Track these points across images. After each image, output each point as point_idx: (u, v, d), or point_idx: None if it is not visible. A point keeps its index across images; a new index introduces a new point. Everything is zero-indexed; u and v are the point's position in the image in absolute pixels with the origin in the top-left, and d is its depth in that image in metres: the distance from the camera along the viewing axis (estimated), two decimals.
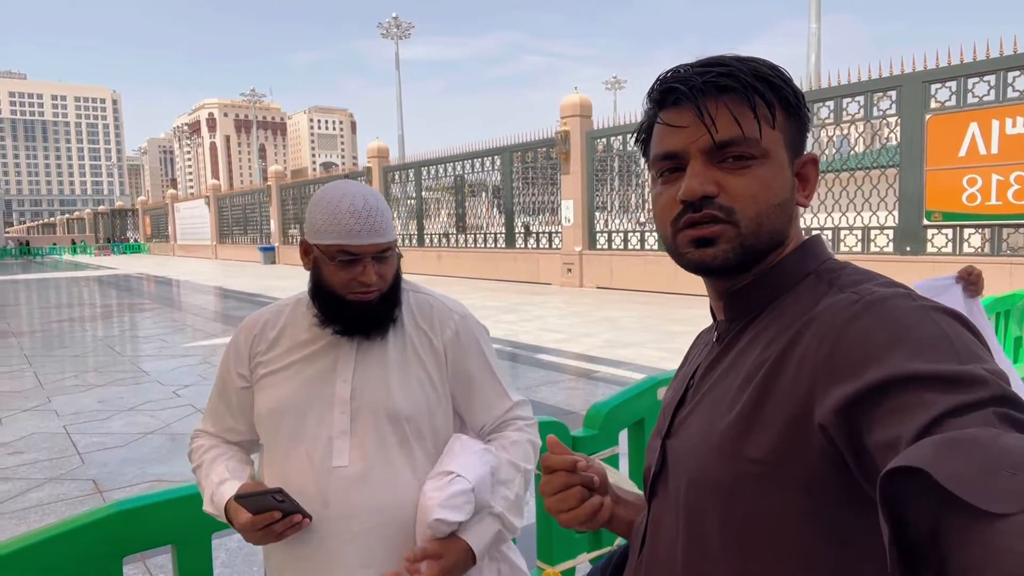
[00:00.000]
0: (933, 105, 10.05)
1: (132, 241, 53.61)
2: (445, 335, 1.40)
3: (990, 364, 0.55)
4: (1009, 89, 9.30)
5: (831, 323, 0.64)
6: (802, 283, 0.73)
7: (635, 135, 0.85)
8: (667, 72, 0.77)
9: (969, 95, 9.69)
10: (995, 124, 9.34)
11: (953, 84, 9.83)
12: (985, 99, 9.53)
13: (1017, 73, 9.23)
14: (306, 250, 1.34)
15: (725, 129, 0.71)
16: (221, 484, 1.28)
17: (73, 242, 58.52)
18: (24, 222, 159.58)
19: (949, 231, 10.02)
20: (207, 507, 1.30)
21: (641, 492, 0.99)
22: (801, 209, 0.79)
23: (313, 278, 1.33)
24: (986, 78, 9.52)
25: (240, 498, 1.20)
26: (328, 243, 1.27)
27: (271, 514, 1.18)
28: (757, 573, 0.69)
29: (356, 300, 1.29)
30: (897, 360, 0.56)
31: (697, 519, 0.73)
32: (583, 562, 2.24)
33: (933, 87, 10.04)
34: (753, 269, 0.76)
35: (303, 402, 1.31)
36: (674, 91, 0.74)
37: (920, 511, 0.43)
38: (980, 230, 9.80)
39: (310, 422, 1.30)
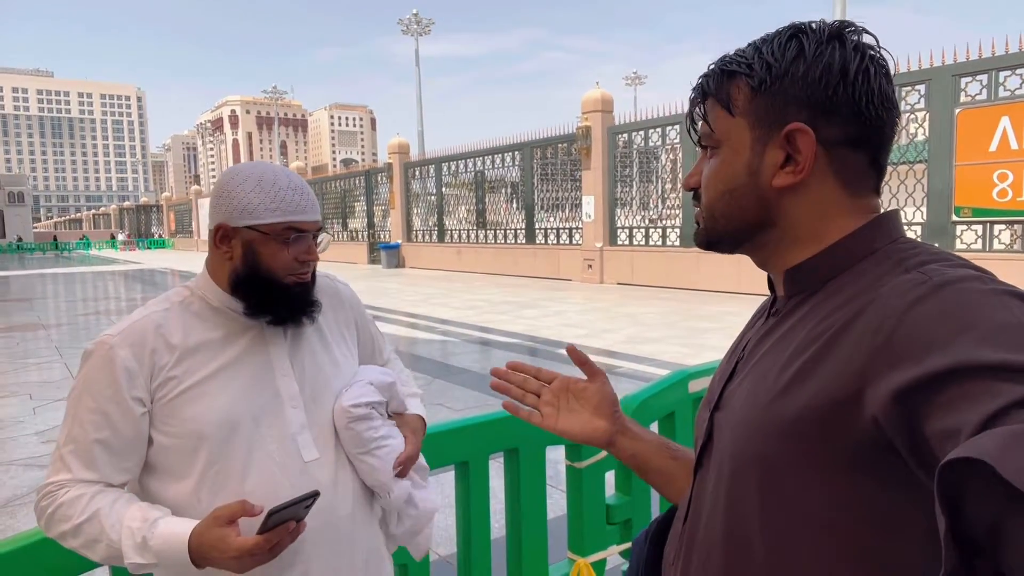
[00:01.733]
0: (963, 99, 9.87)
1: (157, 236, 54.37)
2: (352, 311, 1.45)
3: None
4: None
5: (894, 304, 0.61)
6: (866, 260, 0.71)
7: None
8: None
9: (1001, 88, 9.50)
10: None
11: (984, 77, 9.64)
12: (1017, 92, 9.33)
13: None
14: (227, 236, 1.21)
15: (699, 131, 0.80)
16: (154, 524, 1.08)
17: (113, 236, 58.99)
18: (51, 217, 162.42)
19: (979, 227, 9.84)
20: (134, 558, 1.07)
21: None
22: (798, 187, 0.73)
23: (245, 265, 1.21)
24: (1018, 71, 9.33)
25: (274, 513, 1.04)
26: (274, 221, 1.19)
27: (285, 527, 1.07)
28: (795, 550, 0.68)
29: (296, 282, 1.23)
30: (963, 347, 0.53)
31: (739, 493, 0.73)
32: (614, 554, 2.24)
33: (963, 80, 9.85)
34: (739, 246, 0.80)
35: (250, 407, 1.20)
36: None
37: (980, 504, 0.41)
38: (1011, 226, 9.61)
39: (264, 426, 1.21)
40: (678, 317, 10.21)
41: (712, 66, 0.78)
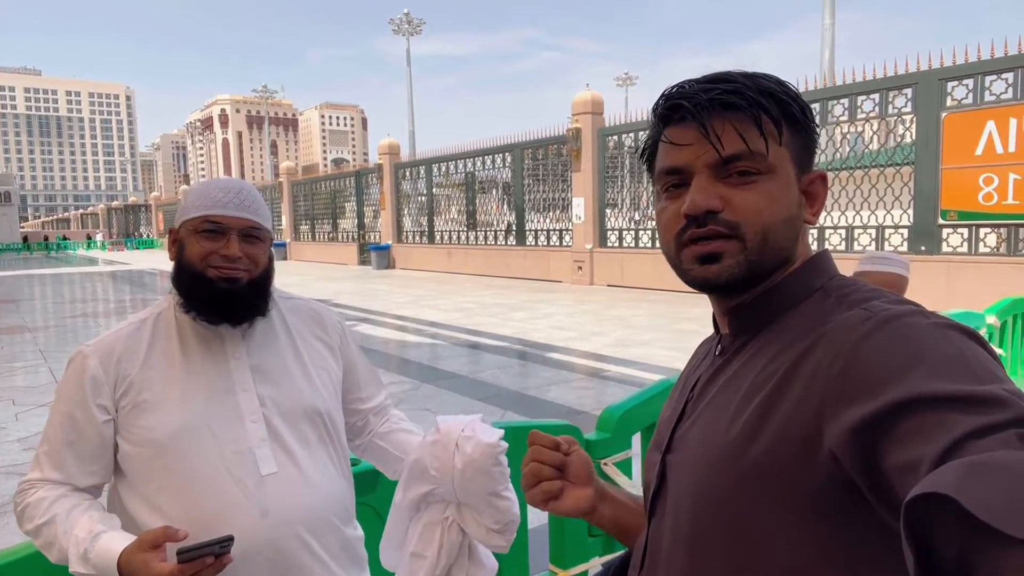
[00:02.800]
0: (949, 103, 9.93)
1: (145, 236, 54.01)
2: (336, 337, 1.46)
3: (1009, 384, 0.54)
4: None
5: (843, 340, 0.62)
6: (809, 299, 0.73)
7: (639, 150, 0.86)
8: (672, 88, 0.77)
9: (987, 93, 9.56)
10: (1013, 122, 9.21)
11: (970, 82, 9.71)
12: (1003, 97, 9.40)
13: None
14: (173, 238, 1.30)
15: (730, 145, 0.71)
16: (96, 537, 1.12)
17: (89, 237, 58.21)
18: (39, 216, 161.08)
19: (964, 230, 9.91)
20: (77, 567, 1.12)
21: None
22: (808, 227, 0.79)
23: (176, 260, 1.28)
24: (1004, 76, 9.39)
25: (185, 551, 1.05)
26: (194, 216, 1.25)
27: (203, 560, 1.07)
28: None
29: (219, 276, 1.24)
30: (914, 380, 0.55)
31: (699, 539, 0.72)
32: (595, 566, 2.23)
33: (950, 84, 9.91)
34: (759, 286, 0.75)
35: (207, 419, 1.23)
36: (679, 108, 0.74)
37: (945, 538, 0.42)
38: (996, 230, 9.69)
39: (222, 439, 1.23)
40: (666, 320, 10.23)
41: (747, 82, 0.72)
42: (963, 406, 0.51)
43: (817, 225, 5.61)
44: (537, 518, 2.34)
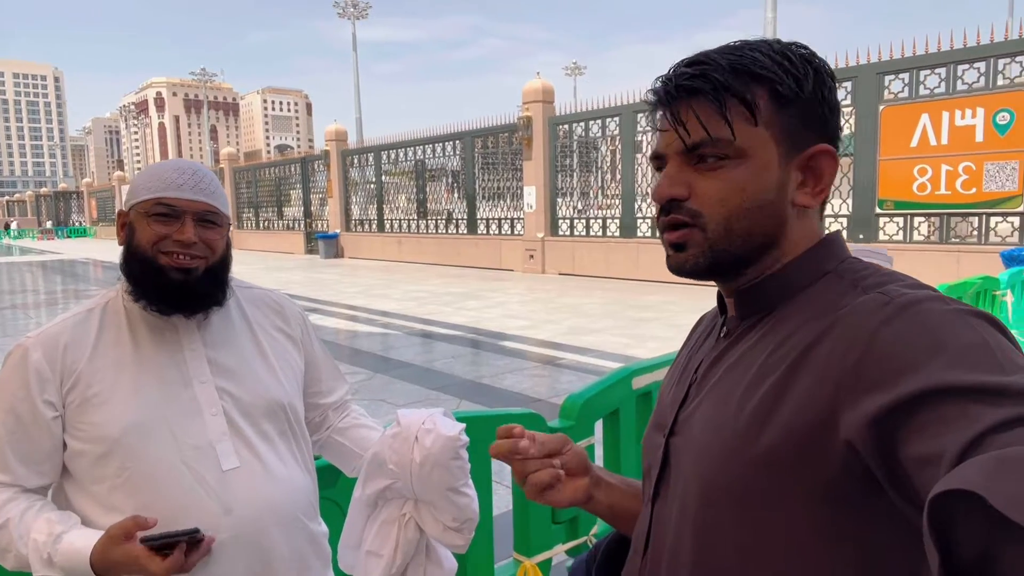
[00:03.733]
0: (887, 96, 10.31)
1: (77, 225, 51.64)
2: (297, 328, 1.42)
3: None
4: (959, 82, 9.58)
5: (860, 326, 0.61)
6: (820, 282, 0.71)
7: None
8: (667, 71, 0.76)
9: (921, 87, 9.96)
10: (945, 116, 9.63)
11: (906, 76, 10.09)
12: (936, 91, 9.81)
13: (966, 67, 9.51)
14: (122, 222, 1.22)
15: (693, 132, 0.70)
16: (58, 539, 1.07)
17: (7, 226, 54.46)
18: None
19: (900, 219, 10.33)
20: (41, 572, 1.07)
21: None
22: (808, 208, 0.73)
23: (125, 245, 1.20)
24: (937, 71, 9.79)
25: (150, 539, 1.03)
26: (146, 198, 1.17)
27: (181, 545, 1.05)
28: None
29: (171, 265, 1.17)
30: (935, 370, 0.53)
31: (707, 527, 0.71)
32: (559, 553, 2.23)
33: (887, 78, 10.29)
34: (745, 271, 0.73)
35: (163, 414, 1.17)
36: (655, 93, 0.74)
37: (969, 535, 0.41)
38: (929, 219, 10.13)
39: (179, 433, 1.17)
40: (619, 307, 10.35)
41: (722, 61, 0.69)
42: (987, 397, 0.50)
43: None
44: (503, 504, 2.33)
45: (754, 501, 0.66)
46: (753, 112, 0.69)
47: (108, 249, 32.69)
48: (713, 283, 0.79)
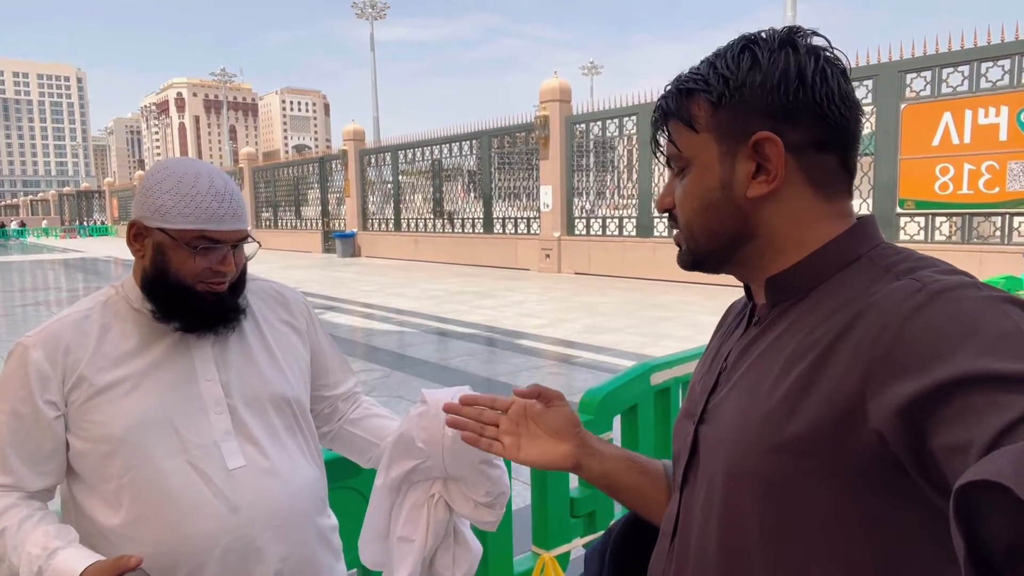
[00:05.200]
0: (908, 94, 10.18)
1: (99, 223, 52.34)
2: (302, 320, 1.39)
3: None
4: (982, 80, 9.45)
5: (891, 313, 0.60)
6: (851, 267, 0.70)
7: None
8: None
9: (943, 85, 9.83)
10: (968, 114, 9.49)
11: (928, 74, 9.96)
12: (959, 89, 9.67)
13: (990, 64, 9.37)
14: (140, 234, 1.17)
15: (664, 154, 0.81)
16: (52, 555, 1.04)
17: (2, 225, 52.81)
18: None
19: (921, 219, 10.20)
20: None
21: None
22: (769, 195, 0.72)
23: (154, 267, 1.16)
24: (960, 68, 9.66)
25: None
26: (184, 228, 1.12)
27: None
28: (796, 572, 0.67)
29: (207, 291, 1.17)
30: (967, 357, 0.52)
31: (734, 512, 0.71)
32: (578, 546, 2.24)
33: (908, 77, 10.16)
34: (728, 264, 0.78)
35: (168, 412, 1.16)
36: None
37: (997, 526, 0.40)
38: (951, 218, 9.99)
39: (184, 432, 1.16)
40: (636, 307, 10.32)
41: (669, 87, 0.78)
42: (1019, 386, 0.49)
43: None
44: (520, 500, 2.35)
45: (781, 488, 0.66)
46: (692, 124, 0.75)
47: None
48: (733, 279, 0.83)
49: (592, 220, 15.39)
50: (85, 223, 53.80)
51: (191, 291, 1.16)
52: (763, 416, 0.68)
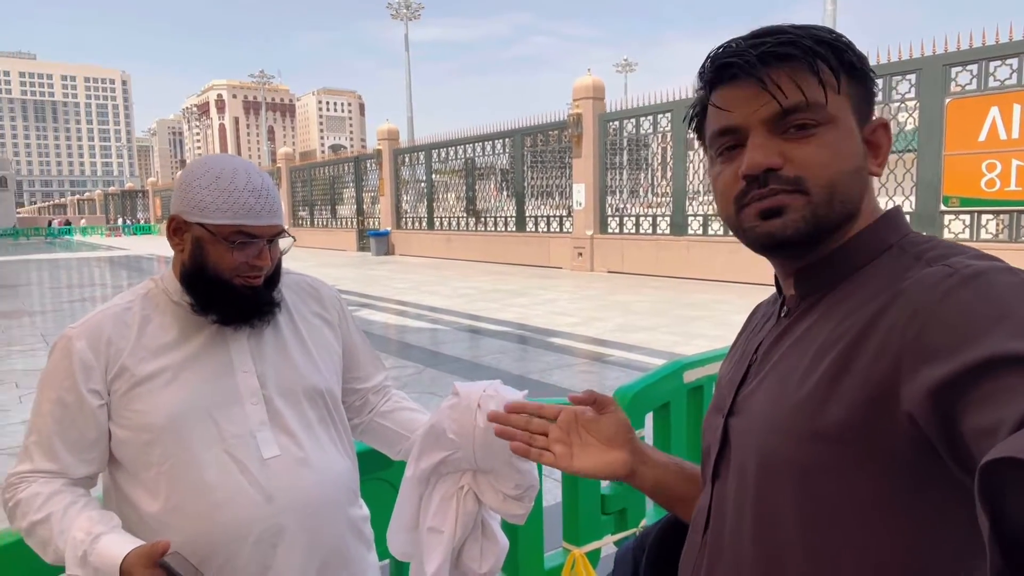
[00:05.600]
0: (953, 88, 9.89)
1: (143, 222, 53.78)
2: (335, 313, 1.41)
3: None
4: None
5: (923, 298, 0.60)
6: (882, 256, 0.70)
7: (687, 116, 0.83)
8: (718, 49, 0.74)
9: (990, 79, 9.53)
10: (1016, 108, 9.18)
11: (974, 67, 9.66)
12: (1007, 83, 9.36)
13: None
14: (179, 228, 1.20)
15: (790, 95, 0.68)
16: (96, 539, 1.07)
17: (49, 223, 55.36)
18: (35, 203, 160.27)
19: (967, 216, 9.90)
20: (75, 570, 1.07)
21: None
22: (875, 180, 0.75)
23: (192, 261, 1.19)
24: (1008, 61, 9.35)
25: (167, 562, 1.03)
26: (222, 223, 1.15)
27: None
28: (833, 558, 0.66)
29: (243, 284, 1.20)
30: (998, 339, 0.52)
31: (768, 501, 0.71)
32: (608, 543, 2.23)
33: (953, 70, 9.87)
34: (823, 243, 0.72)
35: (206, 403, 1.19)
36: (729, 66, 0.71)
37: (1021, 503, 0.40)
38: (998, 216, 9.69)
39: (221, 422, 1.19)
40: (668, 305, 10.23)
41: (801, 32, 0.70)
42: None
43: None
44: (551, 498, 2.35)
45: (816, 475, 0.66)
46: (838, 80, 0.69)
47: None
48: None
49: (625, 218, 15.29)
50: (129, 222, 55.34)
51: (228, 284, 1.19)
52: (796, 404, 0.67)
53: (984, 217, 9.78)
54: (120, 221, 56.11)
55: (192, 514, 1.16)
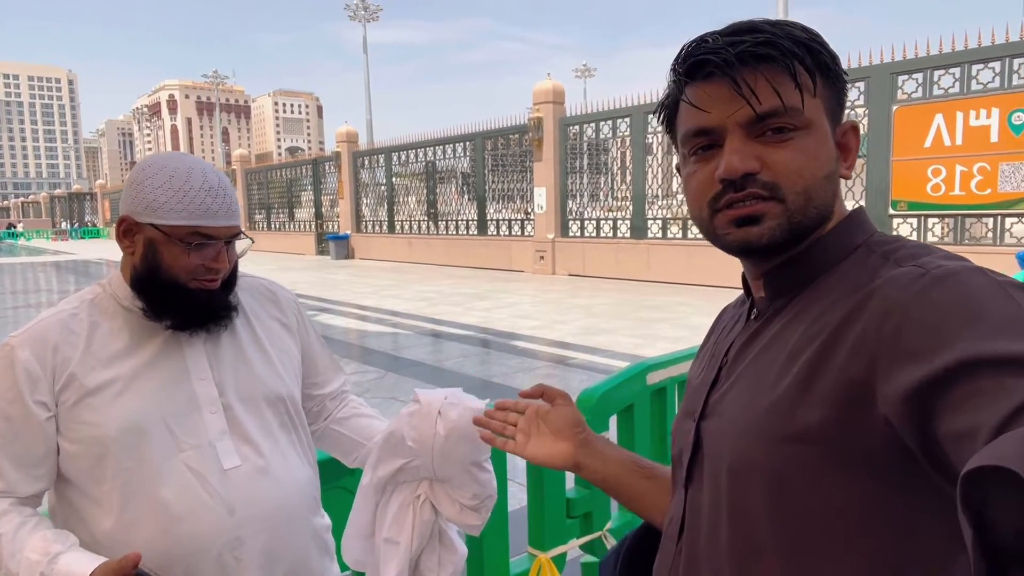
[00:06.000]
0: (900, 96, 10.24)
1: (91, 226, 52.05)
2: (292, 317, 1.38)
3: None
4: (973, 82, 9.50)
5: (896, 298, 0.60)
6: (851, 257, 0.70)
7: (656, 111, 0.81)
8: (693, 43, 0.72)
9: (935, 87, 9.88)
10: (959, 116, 9.54)
11: (920, 76, 10.02)
12: (950, 91, 9.73)
13: (981, 66, 9.43)
14: (130, 230, 1.14)
15: (765, 100, 0.67)
16: (54, 559, 1.02)
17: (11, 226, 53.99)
18: None
19: (914, 220, 10.25)
20: None
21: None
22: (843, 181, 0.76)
23: (145, 264, 1.13)
24: (951, 71, 9.71)
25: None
26: (177, 223, 1.10)
27: None
28: (809, 561, 0.66)
29: (199, 288, 1.15)
30: (973, 341, 0.52)
31: (742, 505, 0.70)
32: (574, 547, 2.23)
33: (900, 79, 10.21)
34: (797, 246, 0.72)
35: (161, 412, 1.13)
36: (705, 64, 0.70)
37: (1004, 511, 0.39)
38: (943, 220, 10.04)
39: (178, 432, 1.14)
40: (629, 308, 10.32)
41: (778, 32, 0.68)
42: (1021, 369, 0.48)
43: None
44: (516, 502, 2.34)
45: (790, 477, 0.65)
46: (814, 82, 0.69)
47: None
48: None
49: (586, 222, 15.40)
50: (76, 225, 53.51)
51: (183, 288, 1.14)
52: (769, 407, 0.67)
53: (931, 220, 10.13)
54: (66, 224, 54.25)
55: (149, 530, 1.11)
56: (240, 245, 1.23)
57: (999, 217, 9.44)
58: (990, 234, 9.61)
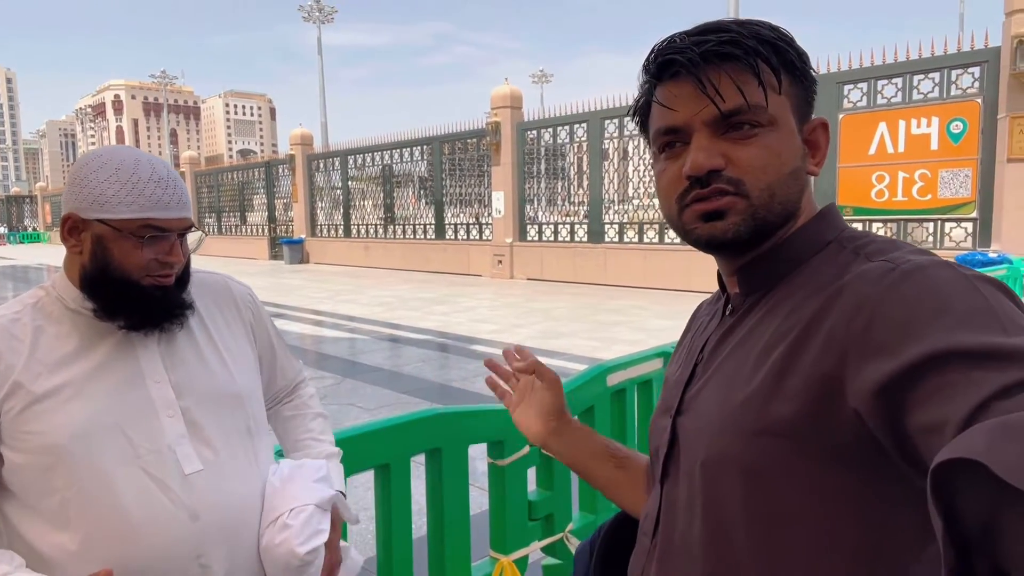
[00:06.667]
0: (845, 105, 10.58)
1: (31, 230, 50.00)
2: (248, 313, 1.35)
3: None
4: (915, 91, 9.90)
5: (865, 293, 0.61)
6: (822, 252, 0.71)
7: (631, 110, 0.83)
8: (662, 42, 0.74)
9: (879, 96, 10.25)
10: (902, 124, 9.93)
11: (864, 85, 10.38)
12: (893, 100, 10.11)
13: (921, 77, 9.83)
14: (76, 228, 1.09)
15: (729, 99, 0.69)
16: None
17: None
18: None
19: (859, 225, 10.57)
20: None
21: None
22: (812, 179, 0.77)
23: (94, 262, 1.08)
24: (894, 80, 10.10)
25: None
26: (128, 217, 1.06)
27: None
28: (784, 556, 0.66)
29: (153, 285, 1.11)
30: (939, 334, 0.53)
31: (717, 501, 0.71)
32: (535, 550, 2.22)
33: (846, 88, 10.56)
34: (766, 242, 0.73)
35: (115, 417, 1.08)
36: (672, 63, 0.71)
37: (973, 503, 0.40)
38: (887, 224, 10.41)
39: (134, 438, 1.09)
40: (587, 312, 10.40)
41: (743, 31, 0.69)
42: (991, 362, 0.49)
43: None
44: (477, 505, 2.32)
45: (763, 471, 0.66)
46: (779, 80, 0.70)
47: (62, 254, 31.69)
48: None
49: (544, 226, 15.48)
50: (16, 230, 51.32)
51: (136, 285, 1.09)
52: (743, 401, 0.68)
53: (875, 225, 10.49)
54: (3, 229, 51.91)
55: (107, 542, 1.05)
56: (192, 239, 1.19)
57: (939, 222, 9.84)
58: (931, 238, 10.00)
